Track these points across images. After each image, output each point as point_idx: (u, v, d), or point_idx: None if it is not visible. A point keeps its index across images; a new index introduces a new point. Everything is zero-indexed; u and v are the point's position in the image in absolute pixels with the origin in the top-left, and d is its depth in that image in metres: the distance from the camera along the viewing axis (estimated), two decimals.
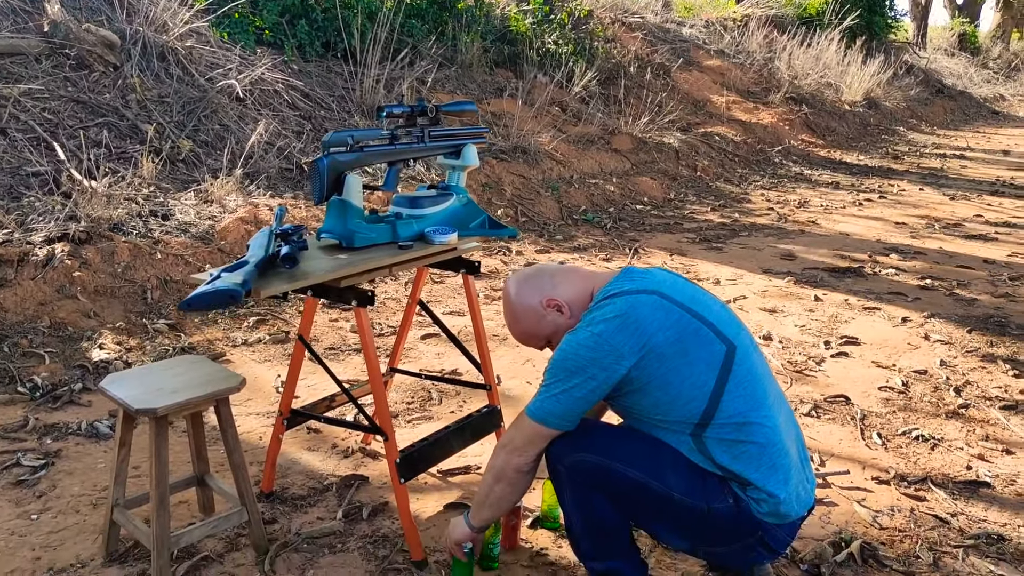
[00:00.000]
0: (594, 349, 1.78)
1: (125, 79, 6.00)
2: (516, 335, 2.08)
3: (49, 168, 5.03)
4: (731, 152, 9.67)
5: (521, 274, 2.06)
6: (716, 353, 1.81)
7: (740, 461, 1.81)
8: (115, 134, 5.61)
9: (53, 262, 3.99)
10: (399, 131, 2.43)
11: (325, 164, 2.24)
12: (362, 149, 2.32)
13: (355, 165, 2.30)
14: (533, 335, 2.03)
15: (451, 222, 2.49)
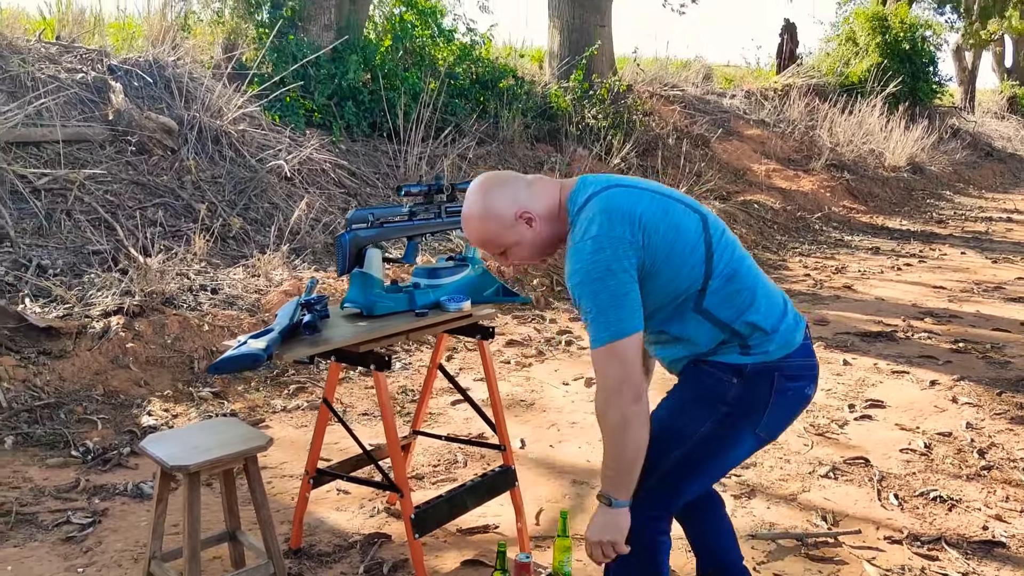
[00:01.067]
0: (603, 249, 1.81)
1: (181, 162, 6.38)
2: (474, 236, 2.02)
3: (109, 246, 5.37)
4: (770, 220, 9.77)
5: (494, 177, 2.04)
6: (695, 220, 1.92)
7: (741, 310, 1.89)
8: (171, 213, 5.96)
9: (109, 334, 4.25)
10: (417, 208, 2.63)
11: (347, 239, 2.45)
12: (382, 225, 2.52)
13: (375, 240, 2.50)
14: (492, 241, 2.00)
15: (466, 291, 2.67)
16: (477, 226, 1.98)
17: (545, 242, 1.99)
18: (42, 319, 4.14)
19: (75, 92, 6.46)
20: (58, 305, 4.54)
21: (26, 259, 5.06)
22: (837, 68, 16.57)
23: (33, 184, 5.59)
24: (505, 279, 6.31)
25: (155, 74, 6.94)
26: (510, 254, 2.01)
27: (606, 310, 1.79)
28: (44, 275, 4.97)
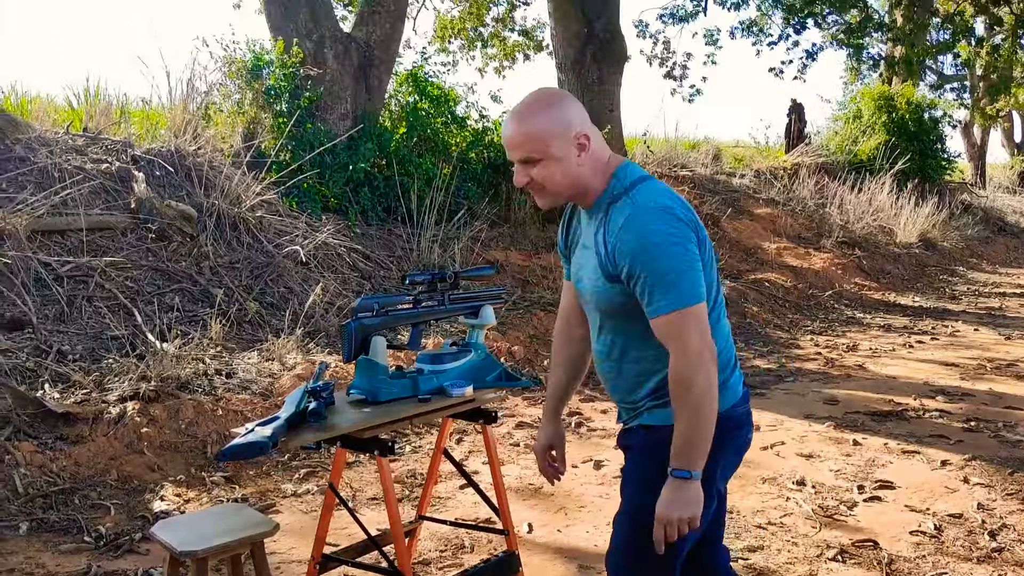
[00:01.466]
0: (681, 221, 1.87)
1: (200, 248, 6.55)
2: (524, 127, 1.93)
3: (127, 332, 5.49)
4: (782, 298, 9.83)
5: (571, 95, 2.03)
6: (707, 240, 1.99)
7: (724, 340, 2.03)
8: (188, 298, 6.10)
9: (124, 420, 4.33)
10: (422, 296, 2.72)
11: (353, 327, 2.53)
12: (387, 313, 2.61)
13: (381, 328, 2.59)
14: (539, 140, 1.91)
15: (469, 376, 2.74)
16: (534, 120, 1.92)
17: (578, 180, 1.95)
18: (60, 405, 4.23)
19: (100, 182, 6.68)
20: (76, 390, 4.64)
21: (47, 345, 5.18)
22: (845, 146, 16.81)
23: (56, 271, 5.75)
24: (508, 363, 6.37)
25: (176, 163, 7.17)
26: (540, 171, 1.93)
27: (685, 273, 1.82)
28: (64, 361, 5.08)
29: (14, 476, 3.86)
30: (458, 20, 14.09)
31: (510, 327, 6.91)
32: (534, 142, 1.91)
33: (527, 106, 1.94)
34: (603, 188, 1.97)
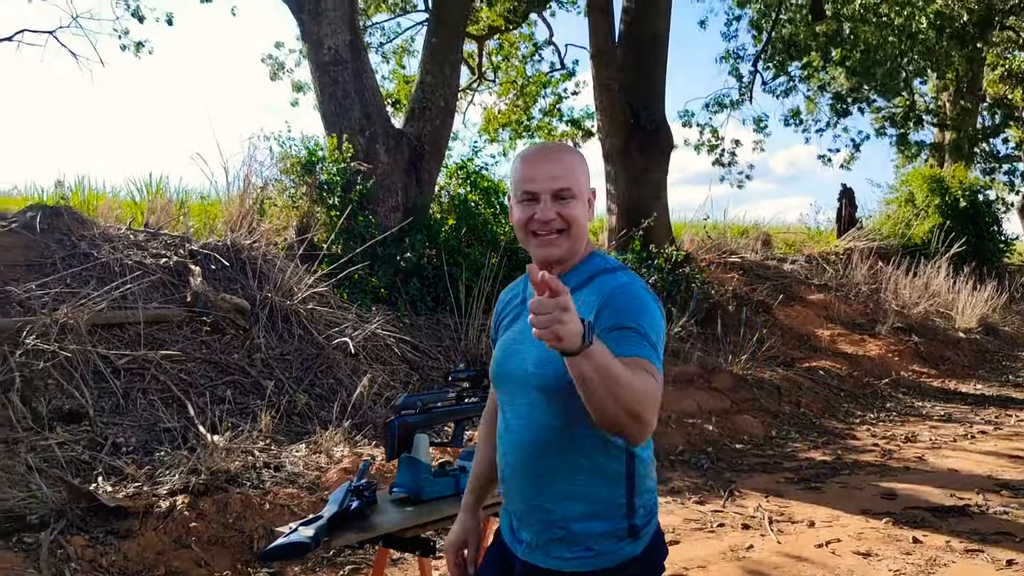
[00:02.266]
0: (661, 312, 1.87)
1: (252, 340, 6.67)
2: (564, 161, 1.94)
3: (179, 424, 5.57)
4: (836, 386, 9.62)
5: None
6: None
7: (649, 481, 1.99)
8: (239, 390, 6.19)
9: (174, 513, 4.36)
10: (465, 392, 2.74)
11: (396, 425, 2.55)
12: (430, 411, 2.63)
13: (423, 425, 2.60)
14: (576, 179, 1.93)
15: None
16: (572, 156, 1.97)
17: (580, 236, 1.96)
18: (112, 499, 4.28)
19: (158, 276, 6.89)
20: (128, 483, 4.70)
21: (103, 437, 5.28)
22: (898, 230, 16.64)
23: (114, 364, 5.89)
24: None
25: (232, 256, 7.37)
26: (571, 210, 1.91)
27: (661, 352, 1.80)
28: (118, 453, 5.16)
29: (65, 570, 3.89)
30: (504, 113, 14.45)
31: None
32: (575, 176, 1.94)
33: (558, 145, 2.06)
34: (581, 259, 1.97)
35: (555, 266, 1.94)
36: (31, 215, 7.14)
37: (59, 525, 4.13)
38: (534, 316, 1.53)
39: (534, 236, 1.94)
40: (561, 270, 1.95)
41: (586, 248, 1.99)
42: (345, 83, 8.32)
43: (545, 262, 1.93)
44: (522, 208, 1.95)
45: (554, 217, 1.91)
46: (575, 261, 1.96)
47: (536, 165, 1.94)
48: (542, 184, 1.91)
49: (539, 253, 1.94)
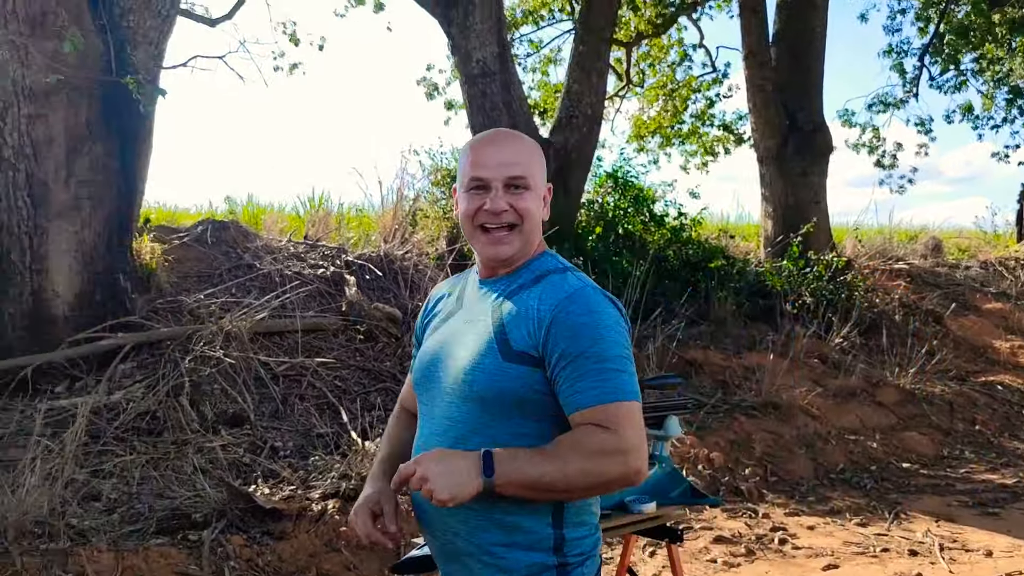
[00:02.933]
0: (624, 319, 1.76)
1: (404, 348, 6.81)
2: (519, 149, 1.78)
3: (333, 430, 5.75)
4: (1017, 403, 8.88)
5: None
6: None
7: (585, 510, 1.84)
8: (391, 397, 6.32)
9: (325, 517, 4.49)
10: None
11: None
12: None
13: None
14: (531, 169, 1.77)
15: (652, 491, 2.62)
16: (528, 145, 1.81)
17: (533, 233, 1.80)
18: (268, 501, 4.45)
19: (316, 286, 7.17)
20: (284, 487, 4.88)
21: (262, 441, 5.51)
22: None
23: (274, 371, 6.16)
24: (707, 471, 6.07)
25: (385, 266, 7.58)
26: (525, 202, 1.75)
27: (628, 366, 1.69)
28: (276, 457, 5.38)
29: (224, 568, 4.07)
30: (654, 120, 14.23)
31: (708, 432, 6.63)
32: (530, 165, 1.78)
33: (511, 132, 1.85)
34: (531, 258, 1.82)
35: (501, 268, 1.81)
36: (201, 229, 7.60)
37: (220, 524, 4.32)
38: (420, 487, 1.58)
39: (482, 231, 1.77)
40: (507, 271, 1.81)
41: (538, 246, 1.84)
42: (493, 95, 8.41)
43: (493, 262, 1.80)
44: (469, 198, 1.77)
45: (506, 208, 1.74)
46: (523, 260, 1.81)
47: (487, 150, 1.77)
48: (493, 171, 1.74)
49: (487, 252, 1.78)
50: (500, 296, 1.78)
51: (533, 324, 1.69)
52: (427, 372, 1.83)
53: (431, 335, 1.90)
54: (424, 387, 1.84)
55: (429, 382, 1.81)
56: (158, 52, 6.49)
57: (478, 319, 1.78)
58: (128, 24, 6.24)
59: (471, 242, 1.82)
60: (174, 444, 5.32)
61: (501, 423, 1.68)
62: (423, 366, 1.85)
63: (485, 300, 1.81)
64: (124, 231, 6.39)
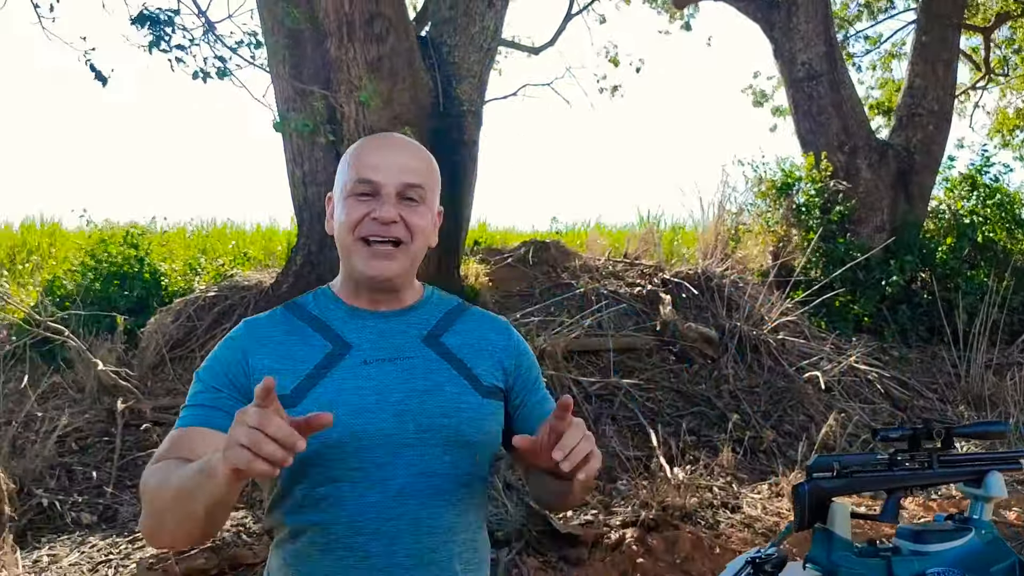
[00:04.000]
0: None
1: (720, 370, 6.51)
2: (419, 157, 1.56)
3: (643, 453, 5.61)
4: None
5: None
6: None
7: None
8: (704, 422, 6.06)
9: (622, 546, 4.36)
10: (900, 456, 2.25)
11: (806, 490, 2.17)
12: (851, 475, 2.20)
13: (841, 492, 2.19)
14: (428, 181, 1.54)
15: (965, 564, 2.16)
16: (427, 157, 1.59)
17: (419, 257, 1.58)
18: (565, 525, 4.42)
19: (630, 305, 7.10)
20: (587, 510, 4.83)
21: None
22: None
23: (586, 390, 6.17)
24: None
25: (702, 284, 7.32)
26: (417, 217, 1.52)
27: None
28: None
29: None
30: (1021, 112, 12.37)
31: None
32: (429, 176, 1.56)
33: (410, 140, 1.61)
34: (420, 292, 1.64)
35: (384, 294, 1.57)
36: (524, 250, 7.87)
37: (518, 544, 4.37)
38: (574, 448, 1.32)
39: (364, 244, 1.51)
40: (400, 303, 1.59)
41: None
42: (820, 97, 7.81)
43: (373, 282, 1.53)
44: (354, 204, 1.51)
45: (396, 219, 1.49)
46: (416, 292, 1.63)
47: (380, 152, 1.53)
48: (386, 174, 1.50)
49: (369, 268, 1.51)
50: (424, 329, 1.59)
51: (499, 356, 1.62)
52: (364, 426, 1.47)
53: (321, 385, 1.49)
54: (357, 445, 1.47)
55: (369, 438, 1.47)
56: (480, 84, 6.83)
57: (411, 356, 1.55)
58: (453, 60, 6.62)
59: (347, 258, 1.55)
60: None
61: (484, 467, 1.57)
62: (352, 421, 1.46)
63: (403, 335, 1.57)
64: (451, 254, 6.78)
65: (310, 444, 1.26)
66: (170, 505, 1.31)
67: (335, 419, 1.29)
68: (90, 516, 4.68)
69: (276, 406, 1.17)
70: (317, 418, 1.19)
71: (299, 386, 1.48)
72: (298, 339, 1.54)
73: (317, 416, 1.19)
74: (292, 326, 1.56)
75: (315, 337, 1.54)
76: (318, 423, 1.19)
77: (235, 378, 1.49)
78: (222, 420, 1.42)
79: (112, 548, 4.31)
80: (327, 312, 1.59)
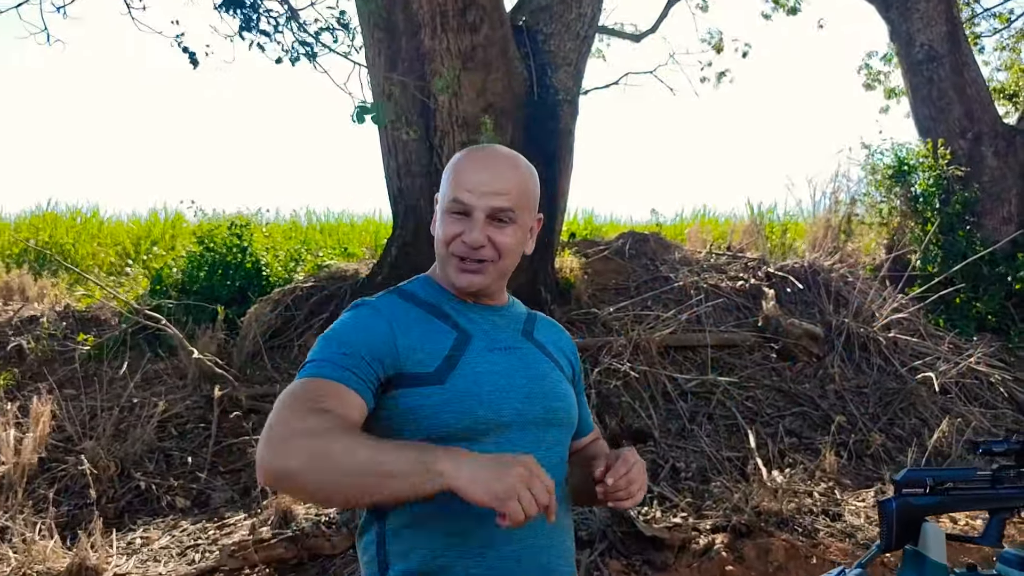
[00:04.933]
0: None
1: (825, 369, 6.19)
2: (516, 177, 1.60)
3: (740, 454, 5.37)
4: None
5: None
6: None
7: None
8: (807, 424, 5.76)
9: (711, 552, 4.16)
10: (1005, 472, 2.02)
11: (893, 507, 1.97)
12: (947, 492, 1.98)
13: (935, 511, 1.97)
14: (522, 202, 1.61)
15: None
16: (527, 173, 1.66)
17: (511, 267, 1.67)
18: (649, 528, 4.25)
19: (731, 299, 6.84)
20: (676, 512, 4.64)
21: (664, 460, 5.34)
22: None
23: (682, 387, 5.96)
24: None
25: (808, 278, 6.98)
26: (507, 238, 1.60)
27: None
28: (677, 478, 5.16)
29: None
30: None
31: None
32: (521, 196, 1.62)
33: (508, 156, 1.65)
34: (507, 296, 1.77)
35: (484, 296, 1.68)
36: (622, 242, 7.69)
37: (601, 546, 4.23)
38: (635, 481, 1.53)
39: (456, 258, 1.62)
40: (499, 301, 1.72)
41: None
42: (941, 81, 7.33)
43: (464, 292, 1.65)
44: (450, 221, 1.61)
45: (484, 244, 1.59)
46: (505, 295, 1.75)
47: (477, 172, 1.60)
48: (478, 199, 1.58)
49: (460, 280, 1.63)
50: (521, 325, 1.75)
51: (568, 356, 1.80)
52: (502, 406, 1.59)
53: (460, 366, 1.58)
54: (499, 422, 1.58)
55: (508, 417, 1.59)
56: (577, 72, 6.69)
57: (520, 347, 1.70)
58: (549, 49, 6.50)
59: (442, 266, 1.67)
60: None
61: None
62: (494, 400, 1.58)
63: (508, 329, 1.72)
64: (546, 246, 6.67)
65: (460, 421, 1.53)
66: (354, 470, 1.33)
67: (479, 398, 1.55)
68: (184, 500, 4.80)
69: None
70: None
71: (440, 367, 1.57)
72: (427, 324, 1.62)
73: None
74: (417, 311, 1.65)
75: (437, 323, 1.64)
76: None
77: (379, 348, 1.54)
78: (357, 384, 1.49)
79: (201, 533, 4.40)
80: (441, 301, 1.68)
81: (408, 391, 1.54)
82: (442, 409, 1.53)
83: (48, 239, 10.64)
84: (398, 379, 1.55)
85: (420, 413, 1.53)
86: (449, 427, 1.52)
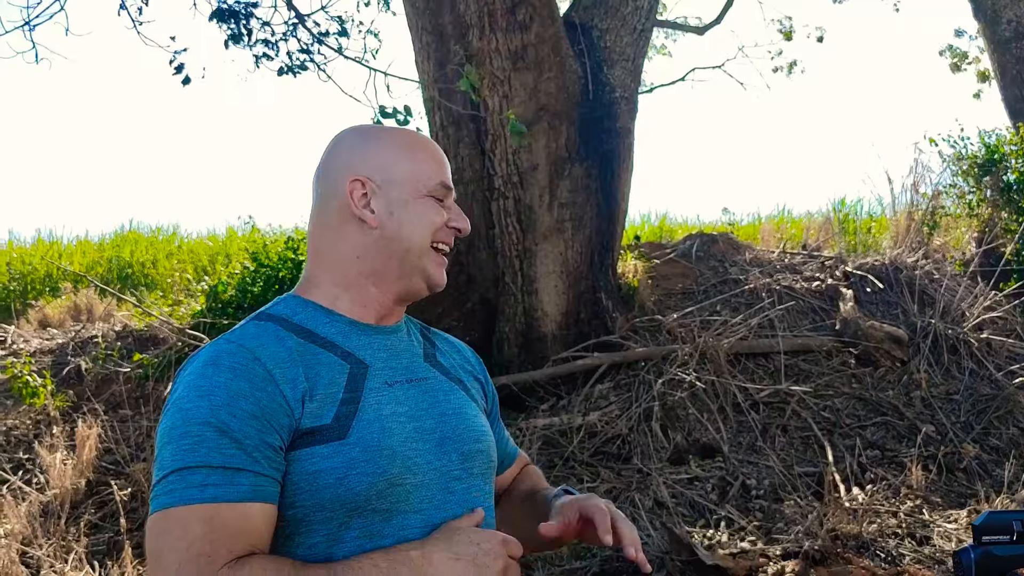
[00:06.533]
0: None
1: (911, 375, 5.74)
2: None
3: (817, 469, 4.99)
4: None
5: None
6: None
7: None
8: (891, 435, 5.33)
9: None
10: None
11: (972, 558, 1.64)
12: None
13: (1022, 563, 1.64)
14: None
15: None
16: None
17: None
18: (711, 556, 3.92)
19: (806, 301, 6.43)
20: (744, 536, 4.31)
21: (733, 476, 4.99)
22: None
23: (754, 397, 5.60)
24: None
25: (890, 277, 6.52)
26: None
27: None
28: (747, 496, 4.82)
29: None
30: None
31: None
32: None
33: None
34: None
35: (403, 307, 1.45)
36: (689, 244, 7.34)
37: (660, 574, 3.92)
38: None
39: (435, 252, 1.41)
40: (386, 318, 1.42)
41: None
42: None
43: (436, 290, 1.43)
44: (436, 208, 1.39)
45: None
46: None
47: (429, 148, 1.44)
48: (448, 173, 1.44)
49: (440, 276, 1.42)
50: (421, 349, 1.45)
51: (477, 376, 1.54)
52: (415, 459, 1.30)
53: (360, 412, 1.27)
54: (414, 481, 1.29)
55: (422, 473, 1.30)
56: (635, 68, 6.40)
57: (427, 377, 1.41)
58: (605, 45, 6.23)
59: (414, 263, 1.39)
60: (639, 473, 5.07)
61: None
62: (405, 452, 1.29)
63: (406, 354, 1.41)
64: (606, 250, 6.39)
65: (371, 487, 1.22)
66: None
67: (391, 452, 1.25)
68: None
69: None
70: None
71: (338, 414, 1.26)
72: (311, 358, 1.29)
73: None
74: (294, 342, 1.30)
75: (324, 354, 1.31)
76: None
77: (272, 419, 1.20)
78: (267, 492, 1.18)
79: None
80: (321, 326, 1.35)
81: (304, 452, 1.22)
82: (348, 472, 1.22)
83: (129, 257, 10.89)
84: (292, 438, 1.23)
85: (320, 481, 1.21)
86: (357, 495, 1.22)
